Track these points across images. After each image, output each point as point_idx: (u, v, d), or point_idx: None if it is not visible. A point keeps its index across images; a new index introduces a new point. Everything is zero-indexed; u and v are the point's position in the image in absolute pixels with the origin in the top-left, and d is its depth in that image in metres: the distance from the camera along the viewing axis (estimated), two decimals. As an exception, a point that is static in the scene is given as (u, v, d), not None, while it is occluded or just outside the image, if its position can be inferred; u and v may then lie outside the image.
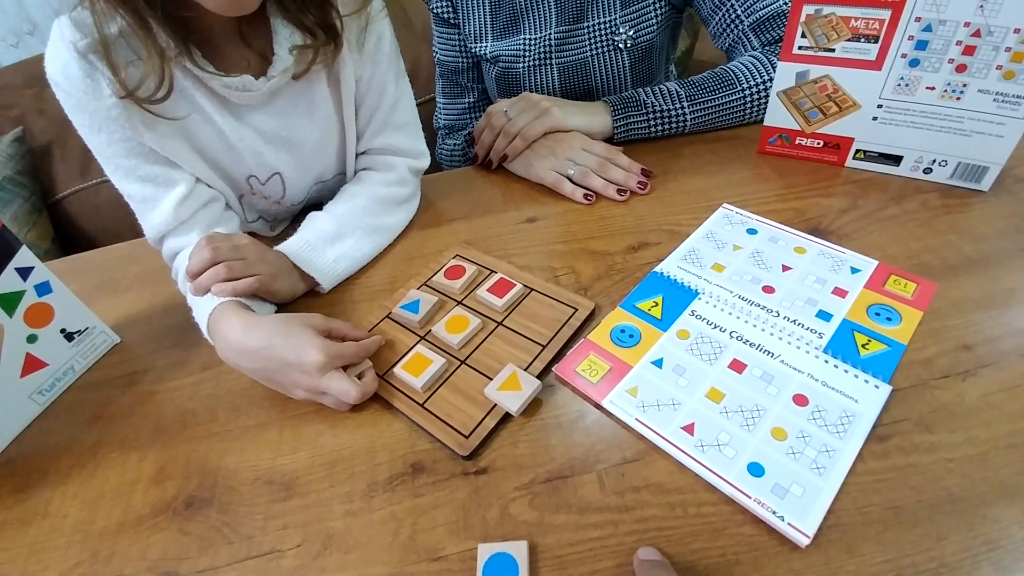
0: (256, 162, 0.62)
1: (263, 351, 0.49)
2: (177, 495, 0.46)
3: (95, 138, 0.55)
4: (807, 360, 0.47)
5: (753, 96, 0.72)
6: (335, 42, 0.58)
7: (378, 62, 0.64)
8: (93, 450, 0.51)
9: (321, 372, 0.47)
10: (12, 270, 0.51)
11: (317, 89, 0.62)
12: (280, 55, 0.57)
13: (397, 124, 0.68)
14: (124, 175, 0.58)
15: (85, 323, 0.58)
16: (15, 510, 0.47)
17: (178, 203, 0.58)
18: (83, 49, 0.50)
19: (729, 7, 0.75)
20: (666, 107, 0.72)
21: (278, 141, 0.63)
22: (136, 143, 0.56)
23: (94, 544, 0.44)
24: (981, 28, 0.53)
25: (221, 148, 0.60)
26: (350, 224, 0.64)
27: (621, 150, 0.71)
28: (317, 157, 0.67)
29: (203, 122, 0.58)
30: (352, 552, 0.41)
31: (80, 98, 0.52)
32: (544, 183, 0.70)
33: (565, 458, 0.44)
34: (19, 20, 1.62)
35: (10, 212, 1.09)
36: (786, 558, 0.36)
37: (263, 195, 0.67)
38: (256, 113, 0.60)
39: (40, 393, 0.55)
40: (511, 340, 0.53)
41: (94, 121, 0.54)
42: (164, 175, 0.58)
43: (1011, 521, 0.36)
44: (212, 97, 0.57)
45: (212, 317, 0.53)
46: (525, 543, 0.38)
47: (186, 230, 0.60)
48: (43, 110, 1.17)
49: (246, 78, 0.56)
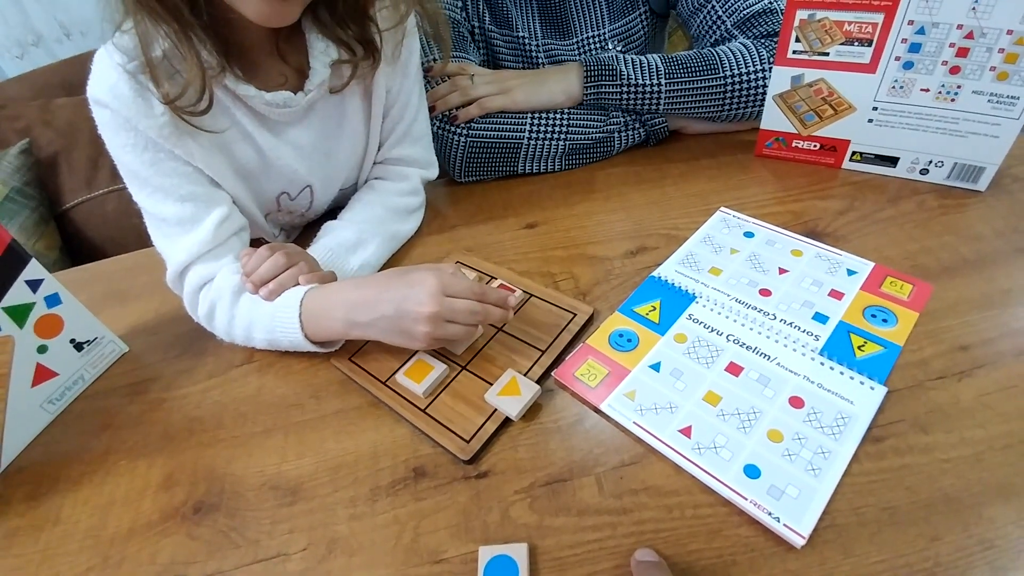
0: (290, 177, 0.63)
1: (381, 295, 0.49)
2: (185, 501, 0.47)
3: (139, 157, 0.53)
4: (803, 362, 0.47)
5: (734, 86, 0.69)
6: (374, 57, 0.58)
7: (408, 75, 0.65)
8: (103, 457, 0.52)
9: (430, 324, 0.47)
10: (22, 283, 0.52)
11: (349, 101, 0.63)
12: (316, 69, 0.57)
13: (415, 136, 0.69)
14: (164, 196, 0.55)
15: (94, 333, 0.59)
16: (27, 517, 0.48)
17: (219, 223, 0.57)
18: (132, 70, 0.51)
19: (710, 8, 0.75)
20: (642, 82, 0.70)
21: (313, 155, 0.63)
22: (181, 163, 0.55)
23: (105, 549, 0.45)
24: (974, 30, 0.54)
25: (258, 165, 0.60)
26: (369, 232, 0.64)
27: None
28: (344, 167, 0.68)
29: (241, 139, 0.58)
30: (356, 555, 0.41)
31: (129, 116, 0.52)
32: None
33: (564, 462, 0.44)
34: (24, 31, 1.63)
35: (18, 223, 1.10)
36: (782, 559, 0.37)
37: (290, 210, 0.67)
38: (292, 128, 0.61)
39: (51, 402, 0.56)
40: (511, 346, 0.53)
41: (140, 140, 0.53)
42: (206, 195, 0.57)
43: (1006, 521, 0.37)
44: (251, 114, 0.57)
45: (308, 298, 0.52)
46: (525, 545, 0.39)
47: (221, 254, 0.58)
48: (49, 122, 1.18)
49: (286, 94, 0.56)
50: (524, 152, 0.73)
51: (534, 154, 0.73)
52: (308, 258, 0.58)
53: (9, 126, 1.18)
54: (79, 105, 0.55)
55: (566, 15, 0.80)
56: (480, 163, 0.74)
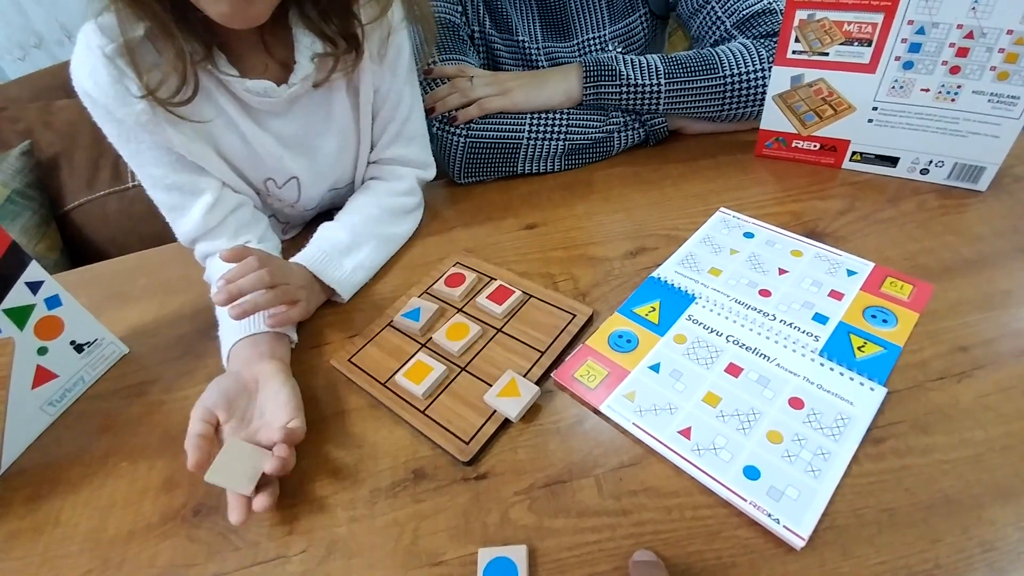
0: (275, 166, 0.64)
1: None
2: (185, 503, 0.47)
3: (125, 147, 0.57)
4: (803, 363, 0.47)
5: (734, 86, 0.69)
6: (356, 51, 0.59)
7: (397, 74, 0.65)
8: (103, 460, 0.52)
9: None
10: (22, 284, 0.52)
11: (336, 98, 0.63)
12: (301, 63, 0.58)
13: (409, 136, 0.69)
14: (153, 184, 0.59)
15: (94, 335, 0.59)
16: (27, 519, 0.48)
17: (206, 211, 0.60)
18: (110, 53, 0.51)
19: (709, 9, 0.75)
20: (641, 82, 0.70)
21: (297, 147, 0.64)
22: (164, 151, 0.57)
23: (105, 552, 0.45)
24: (974, 30, 0.54)
25: (242, 152, 0.61)
26: (363, 234, 0.64)
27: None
28: (333, 165, 0.68)
29: (225, 126, 0.59)
30: (355, 557, 0.41)
31: (109, 105, 0.53)
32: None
33: (564, 463, 0.44)
34: (25, 33, 1.64)
35: (20, 224, 1.10)
36: (781, 560, 0.37)
37: (278, 197, 0.68)
38: (276, 119, 0.61)
39: (51, 404, 0.56)
40: (510, 347, 0.53)
41: (122, 130, 0.55)
42: (191, 184, 0.59)
43: (1006, 523, 0.37)
44: (235, 101, 0.58)
45: (236, 347, 0.54)
46: (524, 547, 0.39)
47: (215, 235, 0.62)
48: (49, 123, 1.18)
49: (267, 83, 0.57)
50: (523, 152, 0.73)
51: (533, 154, 0.73)
52: (292, 276, 0.57)
53: (10, 128, 1.18)
54: (80, 107, 0.55)
55: (566, 17, 0.80)
56: (479, 164, 0.74)
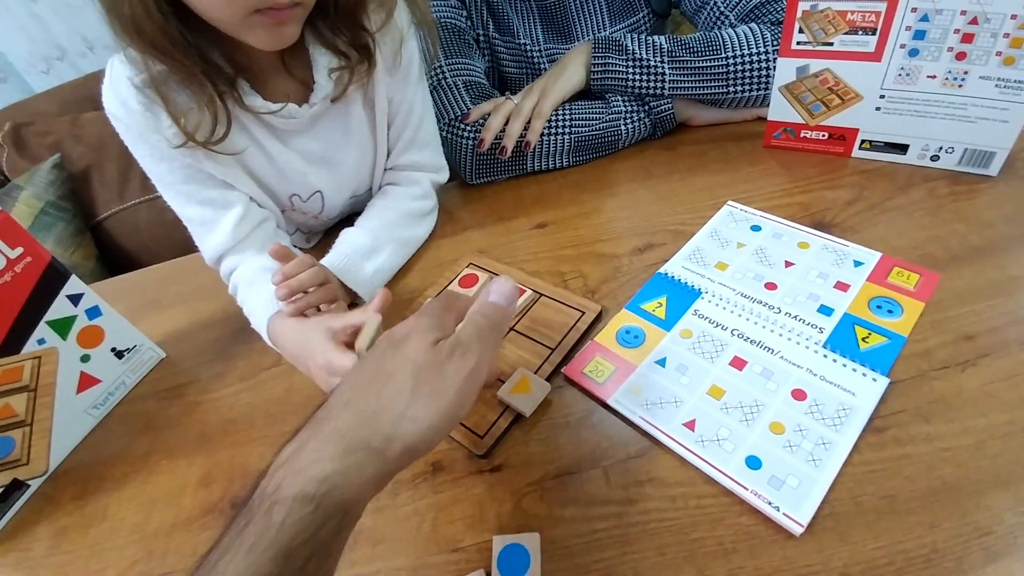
0: (300, 182, 0.66)
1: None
2: (223, 496, 0.50)
3: (156, 167, 0.59)
4: (806, 356, 0.48)
5: (737, 67, 0.69)
6: (368, 61, 0.61)
7: (408, 82, 0.67)
8: (145, 458, 0.56)
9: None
10: (64, 297, 0.56)
11: (353, 111, 0.65)
12: (320, 83, 0.60)
13: (422, 142, 0.71)
14: (184, 201, 0.62)
15: (133, 341, 0.63)
16: (75, 515, 0.52)
17: (236, 224, 0.62)
18: (140, 84, 0.53)
19: (712, 5, 0.75)
20: (647, 57, 0.71)
21: (320, 162, 0.66)
22: (195, 170, 0.60)
23: (149, 543, 0.49)
24: (978, 15, 0.53)
25: (270, 171, 0.64)
26: (384, 238, 0.67)
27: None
28: (354, 175, 0.70)
29: (254, 148, 0.62)
30: (379, 545, 0.44)
31: (140, 130, 0.56)
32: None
33: (573, 455, 0.46)
34: (48, 47, 1.68)
35: (55, 235, 1.16)
36: (781, 546, 0.38)
37: (303, 211, 0.71)
38: (300, 137, 0.64)
39: (95, 407, 0.60)
40: (522, 344, 0.55)
41: (155, 152, 0.58)
42: (222, 198, 0.62)
43: (1003, 508, 0.38)
44: (261, 124, 0.61)
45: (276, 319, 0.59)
46: (537, 535, 0.41)
47: (243, 248, 0.64)
48: (79, 136, 1.23)
49: (291, 107, 0.60)
50: (532, 150, 0.74)
51: (542, 151, 0.75)
52: (332, 278, 0.60)
53: (40, 141, 1.23)
54: (107, 119, 0.58)
55: (567, 19, 0.81)
56: (490, 164, 0.76)
